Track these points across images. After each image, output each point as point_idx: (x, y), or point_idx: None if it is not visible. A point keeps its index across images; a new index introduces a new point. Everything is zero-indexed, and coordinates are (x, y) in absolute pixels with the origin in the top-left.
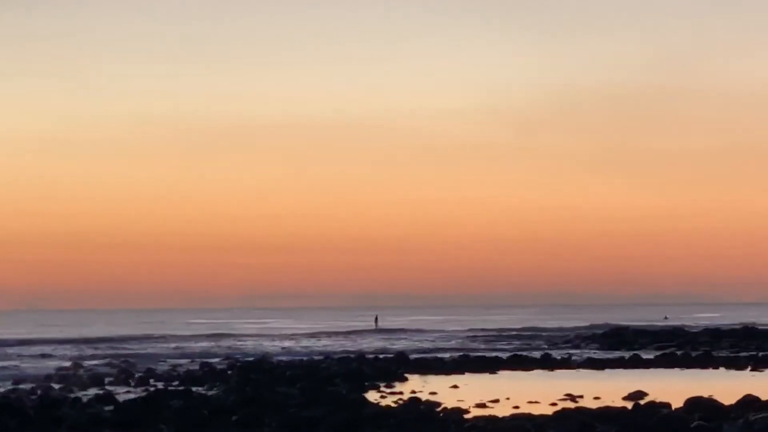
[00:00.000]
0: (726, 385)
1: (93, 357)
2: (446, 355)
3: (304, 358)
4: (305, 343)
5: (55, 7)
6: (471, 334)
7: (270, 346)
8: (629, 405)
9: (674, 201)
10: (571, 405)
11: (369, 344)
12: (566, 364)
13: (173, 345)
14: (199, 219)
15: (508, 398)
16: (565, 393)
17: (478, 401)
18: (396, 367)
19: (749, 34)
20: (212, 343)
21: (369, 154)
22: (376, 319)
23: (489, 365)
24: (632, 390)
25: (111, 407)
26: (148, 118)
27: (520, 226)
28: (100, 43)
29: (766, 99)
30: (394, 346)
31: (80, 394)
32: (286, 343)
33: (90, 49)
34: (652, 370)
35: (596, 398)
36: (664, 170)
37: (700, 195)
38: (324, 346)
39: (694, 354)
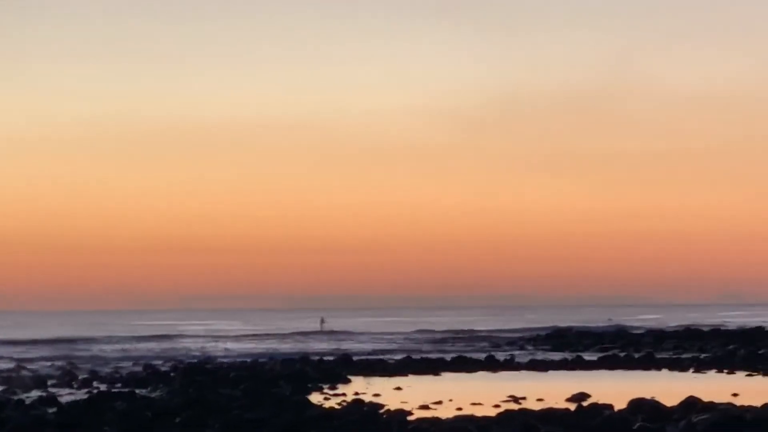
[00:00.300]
0: (669, 387)
1: (36, 359)
2: (390, 357)
3: (248, 360)
4: (249, 344)
5: None
6: (417, 335)
7: (214, 347)
8: (572, 406)
9: (618, 203)
10: (514, 406)
11: (314, 346)
12: (510, 365)
13: (117, 346)
14: (143, 220)
15: (451, 400)
16: (508, 394)
17: (422, 403)
18: (340, 368)
19: (694, 37)
20: (156, 345)
21: (314, 155)
22: (322, 320)
23: (432, 367)
24: (575, 391)
25: (54, 409)
26: (83, 118)
27: (467, 228)
28: (31, 43)
29: (709, 102)
30: (339, 348)
31: (23, 396)
32: (230, 345)
33: (20, 49)
34: (595, 372)
35: (539, 400)
36: (609, 172)
37: (643, 197)
38: (268, 347)
39: (636, 355)
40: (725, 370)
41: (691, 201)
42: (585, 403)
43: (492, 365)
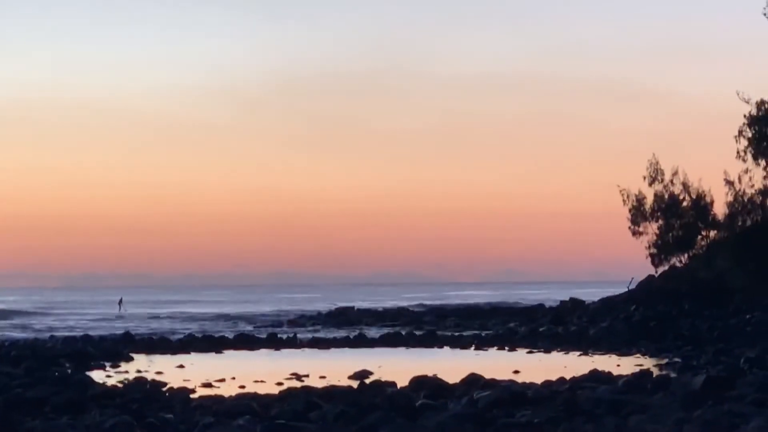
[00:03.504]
0: (451, 364)
1: None
2: (173, 335)
3: (29, 338)
4: (31, 322)
5: None
6: (207, 315)
7: None
8: (355, 384)
9: (394, 181)
10: (297, 384)
11: (97, 324)
12: (292, 343)
13: None
14: None
15: (234, 378)
16: (290, 372)
17: (204, 381)
18: (121, 346)
19: (462, 18)
20: None
21: (91, 134)
22: (120, 301)
23: (215, 345)
24: (358, 369)
25: None
26: None
27: (244, 207)
28: None
29: (477, 80)
30: (126, 327)
31: None
32: (11, 322)
33: None
34: (377, 350)
35: (322, 377)
36: (385, 150)
37: (419, 175)
38: (49, 325)
39: (419, 333)
40: (506, 348)
41: (466, 177)
42: (367, 381)
43: (274, 343)
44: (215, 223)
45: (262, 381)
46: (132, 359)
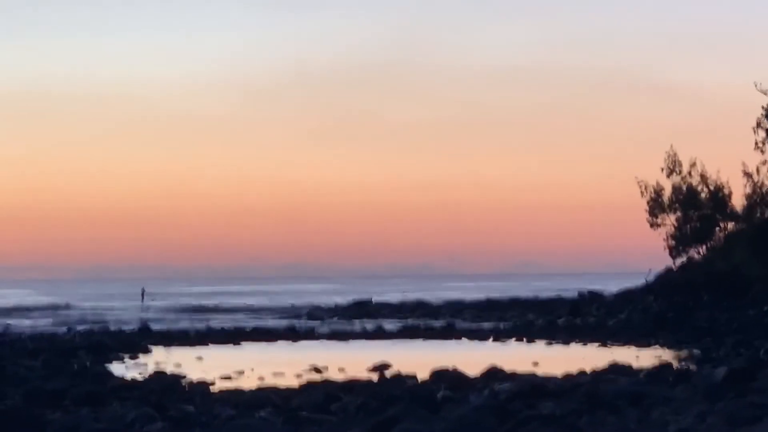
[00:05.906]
0: (470, 356)
1: None
2: (192, 328)
3: (47, 331)
4: (48, 315)
5: None
6: (224, 307)
7: (13, 318)
8: (375, 376)
9: (410, 173)
10: (316, 377)
11: (114, 316)
12: (310, 335)
13: None
14: None
15: (252, 370)
16: (309, 364)
17: (223, 373)
18: (139, 338)
19: (478, 9)
20: None
21: (99, 125)
22: (143, 292)
23: (233, 337)
24: (377, 361)
25: None
26: None
27: (259, 199)
28: None
29: (493, 72)
30: (144, 319)
31: None
32: (29, 315)
33: None
34: (396, 342)
35: (341, 370)
36: (401, 142)
37: (435, 167)
38: (67, 318)
39: (437, 325)
40: (525, 340)
41: (480, 169)
42: (387, 373)
43: (292, 335)
44: (229, 215)
45: (281, 373)
46: (150, 351)
